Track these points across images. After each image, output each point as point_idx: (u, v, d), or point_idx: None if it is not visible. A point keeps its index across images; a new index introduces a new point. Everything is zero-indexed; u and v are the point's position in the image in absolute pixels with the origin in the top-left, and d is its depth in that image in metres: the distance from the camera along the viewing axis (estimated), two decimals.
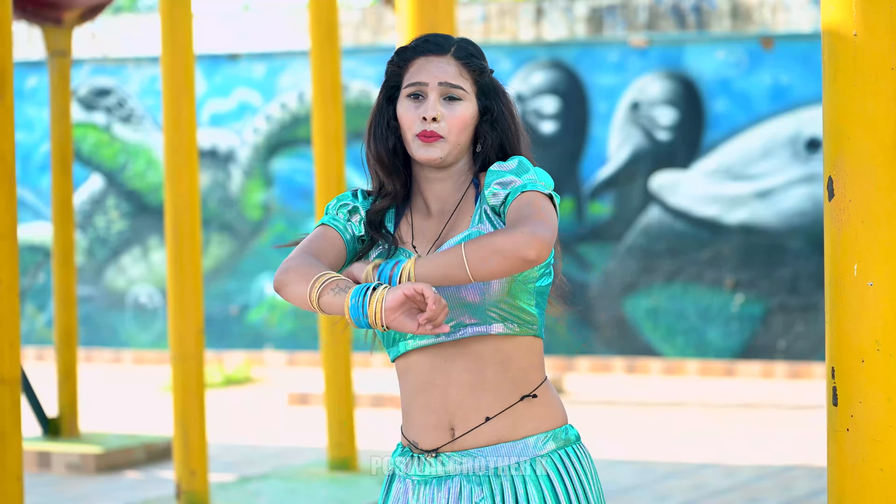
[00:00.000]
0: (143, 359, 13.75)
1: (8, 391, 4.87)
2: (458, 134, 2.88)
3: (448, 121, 2.87)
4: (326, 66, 7.77)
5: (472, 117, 2.91)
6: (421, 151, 2.88)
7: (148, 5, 20.52)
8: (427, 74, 2.89)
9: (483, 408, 2.83)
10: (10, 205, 4.93)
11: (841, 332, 2.95)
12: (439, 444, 2.86)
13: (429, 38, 2.95)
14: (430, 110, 2.87)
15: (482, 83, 2.94)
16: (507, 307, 2.82)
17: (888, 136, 2.91)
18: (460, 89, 2.89)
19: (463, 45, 2.95)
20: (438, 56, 2.92)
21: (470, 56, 2.94)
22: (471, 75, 2.93)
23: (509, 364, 2.84)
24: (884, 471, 2.91)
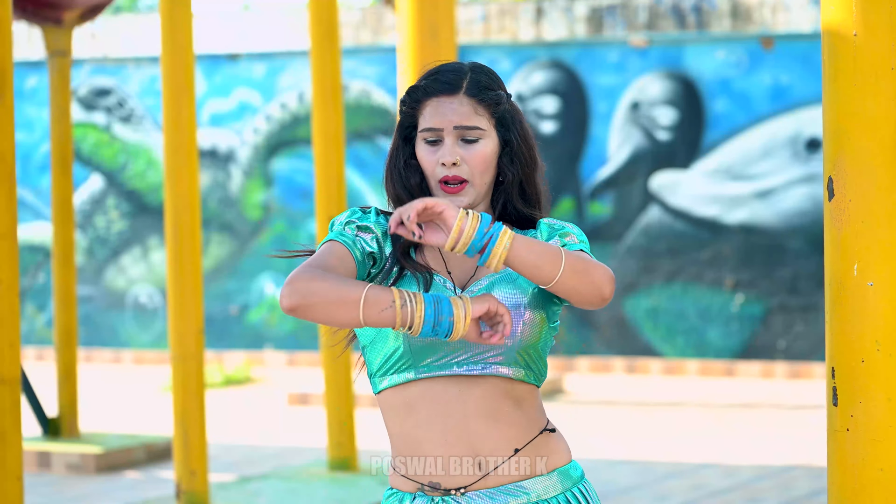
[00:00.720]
0: (143, 359, 13.75)
1: (8, 391, 4.87)
2: (483, 174, 2.79)
3: (469, 162, 2.78)
4: (326, 66, 7.77)
5: (493, 153, 2.81)
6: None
7: (148, 5, 20.52)
8: (440, 119, 2.78)
9: (510, 439, 2.74)
10: (10, 205, 4.92)
11: (841, 332, 2.95)
12: (468, 481, 2.75)
13: (439, 76, 2.82)
14: (447, 156, 2.77)
15: (499, 114, 2.82)
16: (533, 352, 2.77)
17: (888, 136, 2.91)
18: (477, 129, 2.78)
19: (475, 77, 2.82)
20: (450, 96, 2.79)
21: (483, 90, 2.81)
22: (486, 110, 2.80)
23: (521, 402, 2.77)
24: (884, 471, 2.91)
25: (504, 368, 2.74)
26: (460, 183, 2.78)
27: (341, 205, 7.77)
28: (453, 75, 2.82)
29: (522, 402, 2.77)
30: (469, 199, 2.78)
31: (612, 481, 7.80)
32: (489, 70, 2.86)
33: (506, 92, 2.85)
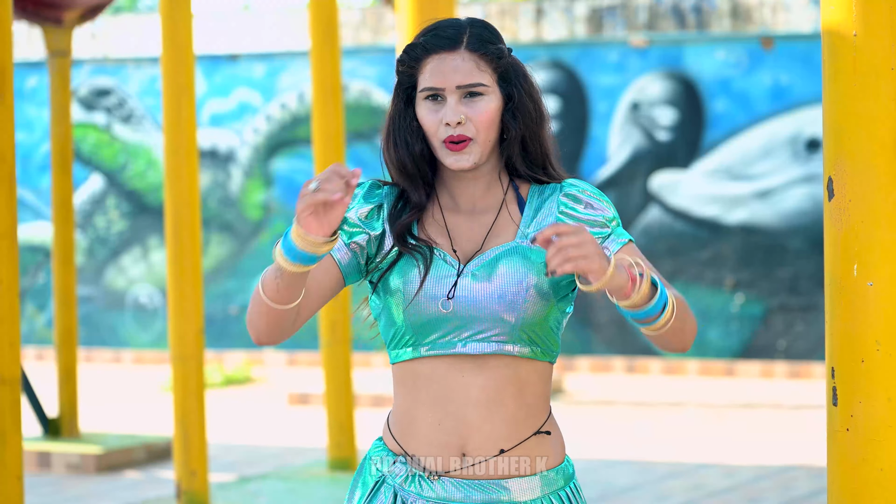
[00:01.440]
0: (143, 359, 13.76)
1: (8, 391, 4.87)
2: (487, 131, 2.71)
3: (473, 120, 2.70)
4: (326, 66, 7.77)
5: (498, 109, 2.72)
6: (451, 160, 2.70)
7: (148, 5, 20.52)
8: (441, 77, 2.69)
9: (499, 438, 2.70)
10: (10, 205, 4.92)
11: (841, 332, 2.95)
12: (448, 468, 2.72)
13: (438, 31, 2.72)
14: (451, 115, 2.68)
15: (502, 69, 2.74)
16: (540, 330, 2.71)
17: (888, 136, 2.91)
18: (480, 85, 2.70)
19: (475, 32, 2.74)
20: (451, 52, 2.70)
21: (485, 44, 2.72)
22: (489, 65, 2.72)
23: (524, 390, 2.71)
24: (884, 471, 2.91)
25: (509, 346, 2.68)
26: (466, 141, 2.70)
27: None
28: (453, 30, 2.74)
29: (526, 387, 2.70)
30: (475, 157, 2.71)
31: (612, 481, 7.80)
32: (489, 24, 2.78)
33: (506, 46, 2.78)
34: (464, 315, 2.68)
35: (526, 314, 2.68)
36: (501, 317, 2.68)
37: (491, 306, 2.69)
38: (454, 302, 2.69)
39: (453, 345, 2.70)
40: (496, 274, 2.70)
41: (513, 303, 2.68)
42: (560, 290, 2.73)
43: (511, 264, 2.70)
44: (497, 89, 2.73)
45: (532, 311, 2.69)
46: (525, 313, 2.68)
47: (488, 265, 2.71)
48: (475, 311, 2.69)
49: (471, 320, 2.69)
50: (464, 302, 2.70)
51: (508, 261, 2.71)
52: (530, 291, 2.69)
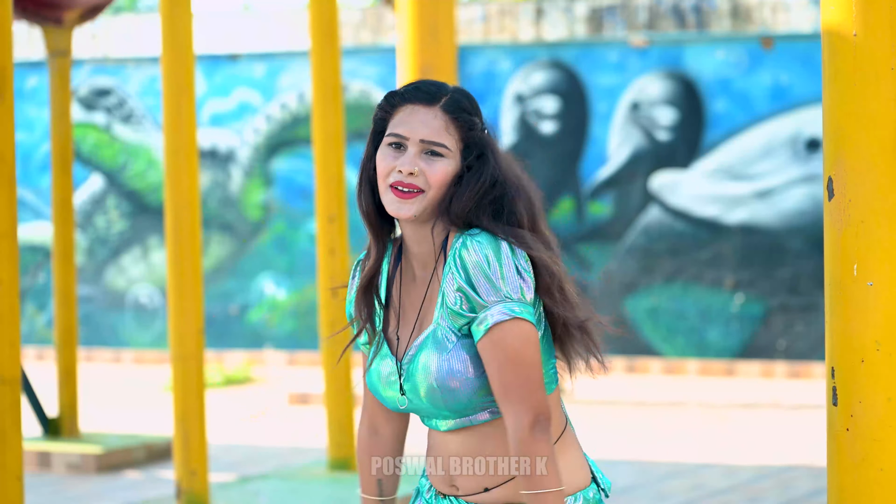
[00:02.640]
0: (143, 359, 13.76)
1: (8, 391, 4.87)
2: (438, 189, 2.75)
3: (429, 176, 2.74)
4: (326, 66, 7.77)
5: (453, 174, 2.76)
6: (394, 206, 2.75)
7: (148, 5, 20.52)
8: (409, 128, 2.75)
9: (482, 480, 2.80)
10: (10, 205, 4.92)
11: (841, 332, 2.95)
12: (446, 491, 2.86)
13: (420, 86, 2.79)
14: (407, 164, 2.73)
15: (470, 140, 2.78)
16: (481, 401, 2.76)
17: (888, 136, 2.91)
18: (443, 147, 2.74)
19: (455, 96, 2.78)
20: (426, 106, 2.76)
21: (460, 111, 2.77)
22: (458, 131, 2.76)
23: (507, 438, 2.75)
24: (884, 471, 2.91)
25: (465, 419, 2.78)
26: (414, 191, 2.74)
27: (341, 205, 7.77)
28: (435, 88, 2.79)
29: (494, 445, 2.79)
30: (417, 208, 2.74)
31: (612, 481, 7.80)
32: (471, 96, 2.82)
33: (482, 122, 2.80)
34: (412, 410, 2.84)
35: (452, 404, 2.76)
36: (442, 409, 2.78)
37: (427, 405, 2.80)
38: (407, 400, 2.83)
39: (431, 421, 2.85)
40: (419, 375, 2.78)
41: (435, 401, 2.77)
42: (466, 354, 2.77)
43: (423, 366, 2.77)
44: (458, 156, 2.77)
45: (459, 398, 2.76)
46: (451, 404, 2.76)
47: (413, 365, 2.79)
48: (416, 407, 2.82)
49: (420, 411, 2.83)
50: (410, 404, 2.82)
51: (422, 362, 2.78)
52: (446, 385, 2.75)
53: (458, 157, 2.77)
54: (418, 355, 2.78)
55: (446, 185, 2.76)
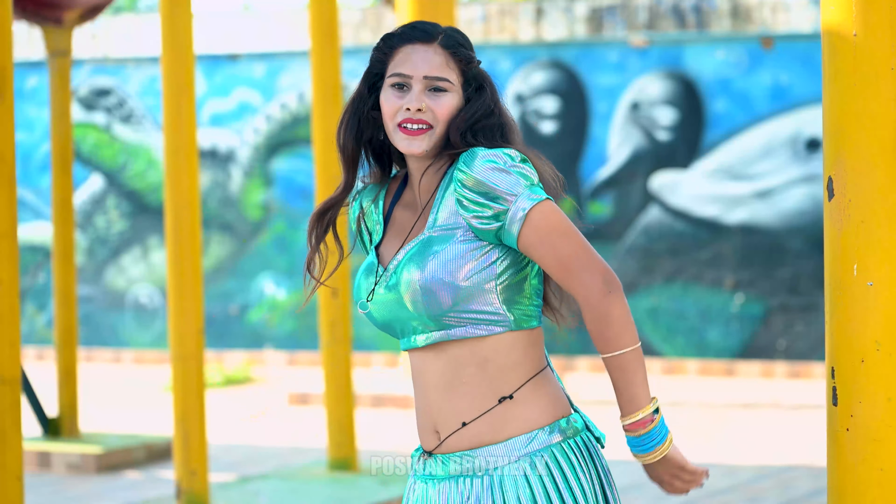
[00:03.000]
0: (143, 359, 13.76)
1: (8, 391, 4.87)
2: (444, 124, 2.82)
3: (435, 111, 2.82)
4: (326, 66, 7.77)
5: (457, 108, 2.84)
6: (404, 143, 2.82)
7: (148, 5, 20.52)
8: (411, 66, 2.82)
9: (461, 412, 2.81)
10: (10, 205, 4.92)
11: (841, 332, 2.95)
12: (431, 446, 2.85)
13: (416, 25, 2.87)
14: (413, 101, 2.81)
15: (469, 74, 2.86)
16: (461, 313, 2.78)
17: (888, 136, 2.91)
18: (446, 81, 2.82)
19: (451, 33, 2.86)
20: (425, 44, 2.84)
21: (458, 45, 2.85)
22: (457, 65, 2.84)
23: (486, 365, 2.80)
24: (884, 471, 2.91)
25: (441, 332, 2.79)
26: (423, 127, 2.81)
27: None
28: (431, 27, 2.86)
29: (487, 363, 2.80)
30: (427, 144, 2.82)
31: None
32: (465, 36, 2.90)
33: (476, 56, 2.89)
34: (384, 319, 2.84)
35: (432, 309, 2.77)
36: (417, 317, 2.79)
37: (401, 312, 2.81)
38: (373, 306, 2.84)
39: (409, 342, 2.84)
40: (401, 281, 2.80)
41: (416, 304, 2.78)
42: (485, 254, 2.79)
43: (410, 267, 2.79)
44: (460, 90, 2.84)
45: (440, 303, 2.77)
46: (431, 309, 2.77)
47: (396, 272, 2.82)
48: (391, 315, 2.83)
49: (397, 321, 2.83)
50: (379, 308, 2.84)
51: (410, 263, 2.80)
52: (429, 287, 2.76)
53: (460, 90, 2.85)
54: (405, 258, 2.81)
55: (451, 118, 2.84)
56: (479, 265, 2.78)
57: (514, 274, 2.81)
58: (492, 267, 2.78)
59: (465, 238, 2.78)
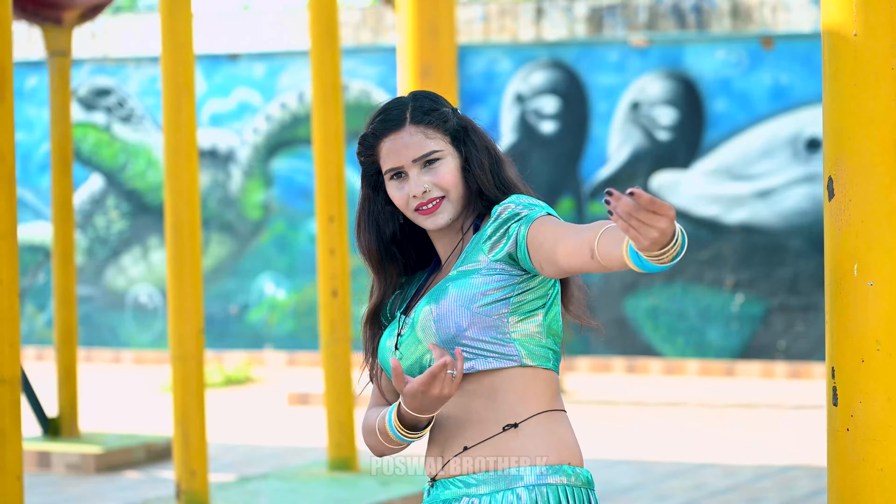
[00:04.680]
0: (143, 359, 13.75)
1: (8, 391, 4.87)
2: (455, 188, 2.85)
3: (439, 184, 2.85)
4: (326, 66, 7.77)
5: (458, 167, 2.87)
6: (428, 222, 2.86)
7: (148, 5, 20.52)
8: (397, 157, 2.85)
9: (465, 439, 2.83)
10: (10, 205, 4.92)
11: (841, 332, 2.95)
12: (434, 472, 2.88)
13: (384, 115, 2.89)
14: (415, 188, 2.84)
15: (451, 130, 2.88)
16: (472, 341, 2.81)
17: (888, 136, 2.91)
18: (434, 152, 2.85)
19: (417, 105, 2.88)
20: (398, 131, 2.86)
21: (428, 113, 2.87)
22: (437, 130, 2.87)
23: (495, 396, 2.82)
24: (884, 471, 2.91)
25: (465, 364, 2.80)
26: (437, 202, 2.85)
27: (341, 205, 7.77)
28: (396, 111, 2.88)
29: (497, 394, 2.82)
30: (448, 214, 2.86)
31: (612, 481, 7.80)
32: (430, 94, 2.92)
33: (451, 108, 2.91)
34: (409, 364, 2.87)
35: (442, 333, 2.81)
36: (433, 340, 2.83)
37: (419, 348, 2.85)
38: (400, 352, 2.88)
39: None
40: (418, 318, 2.86)
41: (426, 330, 2.83)
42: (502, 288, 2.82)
43: (428, 304, 2.85)
44: (452, 149, 2.87)
45: (450, 326, 2.81)
46: (441, 333, 2.81)
47: (415, 311, 2.87)
48: (414, 357, 2.87)
49: (417, 363, 2.87)
50: (404, 351, 2.88)
51: (427, 301, 2.85)
52: (442, 314, 2.81)
53: (452, 148, 2.88)
54: (424, 299, 2.86)
55: (457, 179, 2.87)
56: (492, 297, 2.81)
57: (529, 312, 2.83)
58: (506, 301, 2.82)
59: (483, 274, 2.82)
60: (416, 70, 7.03)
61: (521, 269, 2.81)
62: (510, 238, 2.79)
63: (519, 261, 2.79)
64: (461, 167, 2.87)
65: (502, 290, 2.81)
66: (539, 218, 2.77)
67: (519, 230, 2.78)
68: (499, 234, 2.81)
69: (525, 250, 2.77)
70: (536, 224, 2.76)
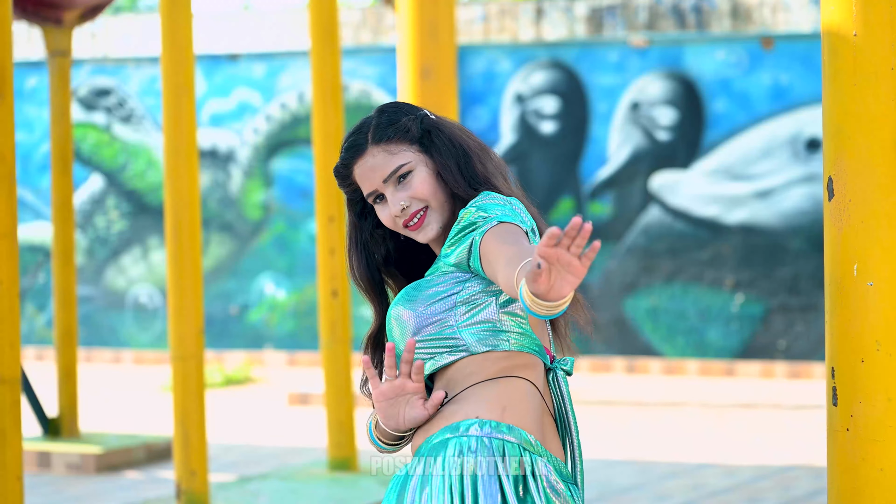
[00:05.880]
0: (143, 359, 13.75)
1: (8, 391, 4.87)
2: (434, 196, 2.86)
3: (416, 196, 2.85)
4: (326, 66, 7.77)
5: (432, 173, 2.87)
6: (420, 236, 2.90)
7: (148, 5, 20.52)
8: (369, 181, 2.88)
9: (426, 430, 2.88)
10: (10, 205, 4.92)
11: (841, 332, 2.95)
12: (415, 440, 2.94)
13: (348, 144, 2.91)
14: (393, 207, 2.86)
15: (415, 138, 2.88)
16: (427, 342, 2.84)
17: (888, 136, 2.91)
18: (402, 166, 2.86)
19: (377, 123, 2.89)
20: (363, 156, 2.88)
21: (386, 129, 2.88)
22: (401, 142, 2.88)
23: (451, 387, 2.86)
24: (884, 471, 2.91)
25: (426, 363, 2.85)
26: (421, 214, 2.86)
27: (341, 205, 7.77)
28: (357, 135, 2.90)
29: (451, 384, 2.85)
30: (436, 223, 2.89)
31: (611, 481, 7.80)
32: (392, 106, 2.92)
33: (414, 115, 2.90)
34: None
35: (404, 338, 2.86)
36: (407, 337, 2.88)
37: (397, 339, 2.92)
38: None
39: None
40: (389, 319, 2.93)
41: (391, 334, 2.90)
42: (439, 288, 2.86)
43: (393, 308, 2.91)
44: (422, 157, 2.87)
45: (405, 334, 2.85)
46: (403, 338, 2.86)
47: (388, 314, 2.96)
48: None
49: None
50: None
51: (394, 305, 2.92)
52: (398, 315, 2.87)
53: (423, 157, 2.88)
54: (395, 298, 2.93)
55: (435, 185, 2.87)
56: (441, 295, 2.84)
57: (479, 303, 2.83)
58: (453, 296, 2.84)
59: (438, 277, 2.86)
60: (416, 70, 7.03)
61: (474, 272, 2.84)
62: (465, 248, 2.80)
63: (472, 270, 2.82)
64: (436, 172, 2.87)
65: (452, 286, 2.84)
66: (490, 231, 2.76)
67: (473, 240, 2.79)
68: (455, 241, 2.82)
69: (478, 262, 2.79)
70: (487, 238, 2.76)
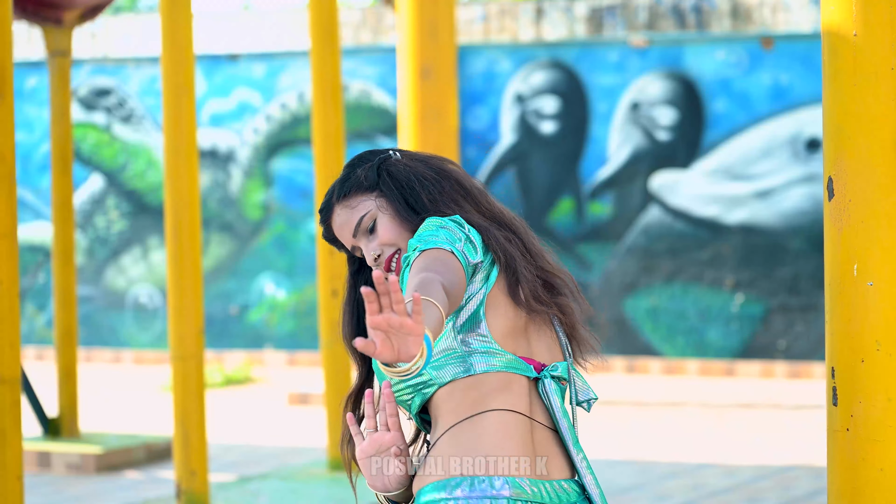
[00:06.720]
0: (143, 359, 13.75)
1: (8, 391, 4.87)
2: (400, 235, 2.86)
3: (384, 243, 2.87)
4: (326, 66, 7.77)
5: (395, 216, 2.87)
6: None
7: (148, 5, 20.53)
8: (344, 240, 2.93)
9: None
10: (10, 205, 4.92)
11: (841, 332, 2.95)
12: None
13: (321, 207, 2.96)
14: (368, 258, 2.89)
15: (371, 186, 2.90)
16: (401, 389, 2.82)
17: (888, 136, 2.91)
18: (362, 219, 2.88)
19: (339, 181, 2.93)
20: (332, 217, 2.92)
21: (344, 184, 2.91)
22: (360, 196, 2.90)
23: (434, 426, 2.83)
24: (884, 471, 2.91)
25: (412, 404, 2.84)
26: (395, 257, 2.86)
27: None
28: (326, 199, 2.95)
29: (433, 423, 2.83)
30: None
31: (612, 481, 7.80)
32: (353, 160, 2.95)
33: (370, 161, 2.91)
34: None
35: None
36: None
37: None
38: None
39: None
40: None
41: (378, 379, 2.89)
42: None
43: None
44: (382, 200, 2.88)
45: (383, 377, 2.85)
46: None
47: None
48: None
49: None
50: None
51: None
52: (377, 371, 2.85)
53: (381, 201, 2.89)
54: None
55: (399, 228, 2.87)
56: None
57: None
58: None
59: None
60: (415, 70, 7.03)
61: None
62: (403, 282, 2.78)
63: None
64: (398, 212, 2.87)
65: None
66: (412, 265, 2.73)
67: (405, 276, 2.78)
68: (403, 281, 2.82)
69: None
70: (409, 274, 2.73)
